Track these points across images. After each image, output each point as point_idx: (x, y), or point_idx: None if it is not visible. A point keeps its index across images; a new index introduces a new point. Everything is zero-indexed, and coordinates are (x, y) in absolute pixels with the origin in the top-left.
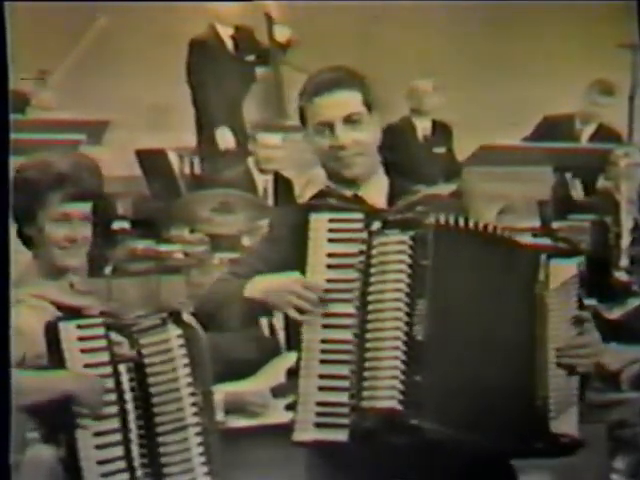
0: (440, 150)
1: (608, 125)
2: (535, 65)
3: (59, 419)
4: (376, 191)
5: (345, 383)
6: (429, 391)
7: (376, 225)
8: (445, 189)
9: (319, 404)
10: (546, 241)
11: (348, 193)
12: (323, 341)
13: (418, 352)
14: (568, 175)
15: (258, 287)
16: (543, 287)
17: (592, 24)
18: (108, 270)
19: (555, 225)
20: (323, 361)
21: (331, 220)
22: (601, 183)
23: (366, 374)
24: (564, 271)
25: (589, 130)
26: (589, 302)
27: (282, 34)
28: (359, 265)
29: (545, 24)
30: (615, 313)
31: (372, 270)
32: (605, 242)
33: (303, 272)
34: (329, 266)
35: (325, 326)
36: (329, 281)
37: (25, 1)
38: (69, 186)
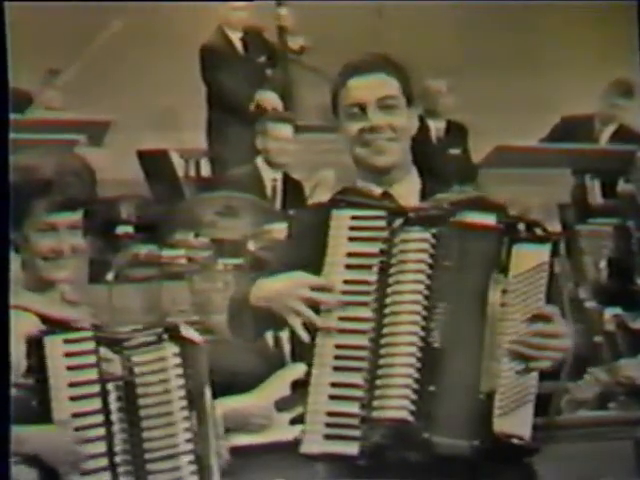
0: (455, 151)
1: (628, 126)
2: (552, 65)
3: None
4: (408, 192)
5: (358, 392)
6: (443, 402)
7: (398, 222)
8: (460, 192)
9: (329, 414)
10: (514, 225)
11: (377, 190)
12: (338, 347)
13: (433, 360)
14: (588, 177)
15: (262, 293)
16: (503, 272)
17: (609, 23)
18: (110, 276)
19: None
20: (336, 368)
21: (353, 217)
22: (623, 186)
23: (378, 382)
24: (530, 258)
25: (609, 131)
26: (613, 311)
27: (296, 42)
28: (379, 265)
29: (562, 23)
30: None
31: (391, 270)
32: (628, 247)
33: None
34: (348, 266)
35: (341, 331)
36: (347, 282)
37: (26, 1)
38: (55, 194)
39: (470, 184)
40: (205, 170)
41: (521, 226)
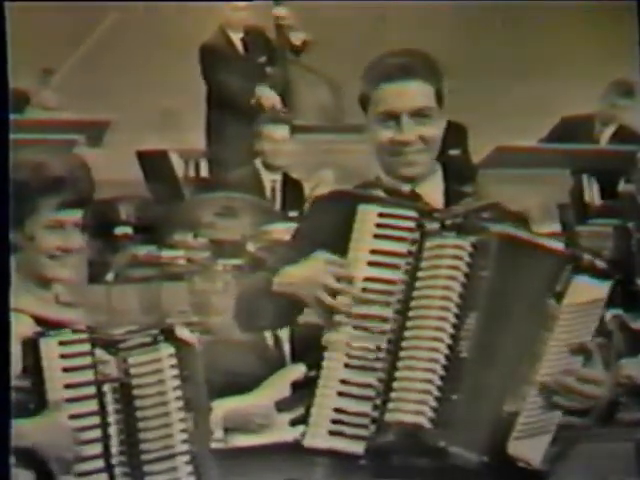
0: (455, 152)
1: (629, 126)
2: (552, 65)
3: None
4: (433, 191)
5: (369, 392)
6: (464, 412)
7: (432, 226)
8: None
9: (336, 410)
10: (580, 255)
11: (405, 188)
12: (352, 345)
13: (459, 369)
14: (588, 178)
15: (286, 279)
16: (556, 299)
17: (609, 23)
18: (110, 277)
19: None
20: (348, 365)
21: (381, 215)
22: (623, 187)
23: (395, 385)
24: (588, 291)
25: (609, 131)
26: (613, 311)
27: (298, 37)
28: (405, 267)
29: (562, 23)
30: None
31: (420, 274)
32: (628, 248)
33: None
34: (370, 263)
35: (356, 328)
36: (367, 280)
37: (25, 1)
38: (66, 192)
39: (469, 184)
40: (204, 171)
41: (587, 257)
